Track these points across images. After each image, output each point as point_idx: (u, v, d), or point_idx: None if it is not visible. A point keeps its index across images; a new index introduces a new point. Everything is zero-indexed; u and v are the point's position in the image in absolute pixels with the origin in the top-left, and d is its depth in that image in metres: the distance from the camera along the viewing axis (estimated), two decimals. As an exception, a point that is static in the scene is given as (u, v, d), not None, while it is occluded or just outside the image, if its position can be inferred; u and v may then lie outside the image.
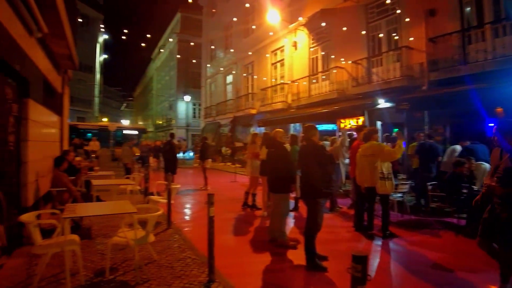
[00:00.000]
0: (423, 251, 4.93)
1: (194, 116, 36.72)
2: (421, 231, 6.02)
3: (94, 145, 23.39)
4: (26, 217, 3.57)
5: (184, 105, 36.27)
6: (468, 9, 9.34)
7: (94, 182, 6.87)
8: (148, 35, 23.42)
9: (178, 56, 34.40)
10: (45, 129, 6.31)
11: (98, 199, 6.77)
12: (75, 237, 3.83)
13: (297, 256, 4.61)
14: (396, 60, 10.82)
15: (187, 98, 33.70)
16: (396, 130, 8.80)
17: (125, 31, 21.85)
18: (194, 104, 36.45)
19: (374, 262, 4.51)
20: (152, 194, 7.49)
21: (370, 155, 5.61)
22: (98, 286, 3.49)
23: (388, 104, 10.80)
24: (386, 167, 5.61)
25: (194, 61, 30.48)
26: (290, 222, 6.65)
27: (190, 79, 35.82)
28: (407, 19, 10.53)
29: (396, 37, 11.19)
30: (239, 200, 8.24)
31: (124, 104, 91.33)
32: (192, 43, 30.48)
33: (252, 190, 7.94)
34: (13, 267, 3.90)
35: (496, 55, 8.08)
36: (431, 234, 5.84)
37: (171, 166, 10.53)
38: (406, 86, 10.15)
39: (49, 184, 5.93)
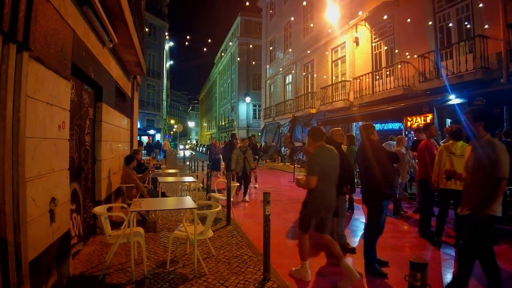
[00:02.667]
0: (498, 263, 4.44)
1: (255, 117, 37.36)
2: (498, 241, 5.34)
3: (166, 144, 25.93)
4: (98, 209, 3.95)
5: (245, 107, 37.11)
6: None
7: (160, 179, 7.35)
8: (210, 40, 24.33)
9: (239, 59, 35.28)
10: (116, 130, 6.91)
11: (164, 195, 7.23)
12: (140, 230, 4.13)
13: (356, 261, 4.45)
14: (468, 51, 9.89)
15: (248, 99, 34.41)
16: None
17: (188, 37, 22.98)
18: (254, 105, 37.10)
19: (437, 272, 4.17)
20: (213, 191, 7.78)
21: (460, 155, 4.92)
22: (158, 276, 3.73)
23: (459, 100, 9.91)
24: None
25: (253, 63, 31.01)
26: (347, 224, 6.45)
27: (250, 81, 36.62)
28: (481, 5, 9.55)
29: (468, 26, 10.23)
30: (299, 200, 8.17)
31: (190, 107, 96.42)
32: (252, 46, 31.04)
33: None
34: (88, 253, 4.34)
35: None
36: (510, 245, 5.22)
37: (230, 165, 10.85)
38: (481, 79, 9.22)
39: (119, 180, 6.49)
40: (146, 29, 29.68)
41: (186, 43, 25.47)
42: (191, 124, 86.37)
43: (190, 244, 4.51)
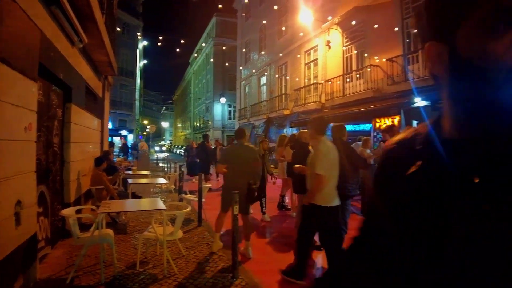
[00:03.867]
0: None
1: (230, 118, 37.38)
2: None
3: (143, 146, 25.26)
4: (67, 211, 3.91)
5: (220, 107, 37.05)
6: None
7: (131, 181, 7.29)
8: (183, 41, 24.16)
9: (214, 59, 35.22)
10: (86, 131, 6.79)
11: (135, 196, 7.20)
12: (110, 232, 4.12)
13: (323, 256, 4.58)
14: (433, 56, 10.39)
15: (223, 100, 34.38)
16: None
17: (162, 37, 22.75)
18: (229, 106, 37.11)
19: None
20: (185, 192, 7.79)
21: None
22: (128, 277, 3.74)
23: (425, 103, 10.39)
24: None
25: (227, 64, 31.08)
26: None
27: (226, 82, 36.61)
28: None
29: (434, 32, 10.74)
30: (274, 200, 8.34)
31: (164, 107, 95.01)
32: (227, 46, 31.08)
33: (284, 192, 8.05)
34: (56, 257, 4.28)
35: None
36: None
37: (204, 166, 10.87)
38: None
39: (89, 182, 6.39)
40: (119, 29, 29.12)
41: (159, 43, 25.21)
42: (165, 124, 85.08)
43: (160, 245, 4.53)
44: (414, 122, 11.03)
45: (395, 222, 0.63)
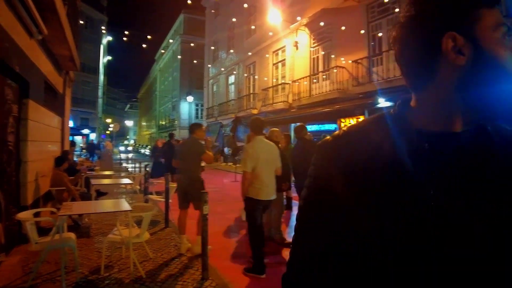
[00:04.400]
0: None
1: (197, 117, 36.88)
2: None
3: (108, 145, 24.31)
4: (23, 215, 3.64)
5: (187, 106, 36.47)
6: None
7: (93, 181, 6.97)
8: (149, 37, 23.46)
9: (181, 57, 34.58)
10: (45, 129, 6.40)
11: (99, 193, 6.89)
12: (72, 235, 3.89)
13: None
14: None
15: (190, 98, 33.87)
16: None
17: (128, 32, 21.91)
18: (196, 105, 36.62)
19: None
20: (151, 193, 7.58)
21: None
22: (92, 283, 3.55)
23: (388, 103, 10.79)
24: None
25: (195, 61, 30.61)
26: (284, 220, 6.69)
27: (193, 80, 36.08)
28: (408, 19, 10.49)
29: (397, 37, 11.17)
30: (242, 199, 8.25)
31: (128, 105, 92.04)
32: (195, 44, 30.63)
33: None
34: (11, 265, 3.97)
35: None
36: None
37: (170, 166, 10.58)
38: (406, 85, 10.12)
39: (49, 183, 6.02)
40: (82, 22, 27.78)
41: (124, 38, 24.32)
42: (129, 123, 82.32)
43: (126, 248, 4.35)
44: (378, 123, 11.40)
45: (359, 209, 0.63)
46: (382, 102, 11.00)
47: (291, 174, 5.56)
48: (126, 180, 7.63)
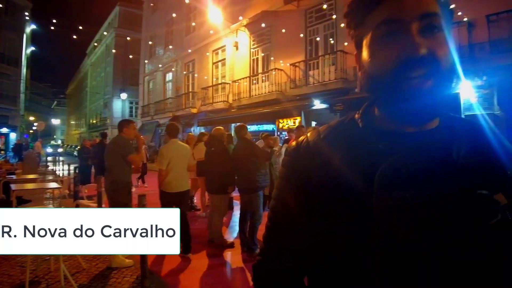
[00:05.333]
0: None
1: (131, 115, 34.94)
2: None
3: (37, 146, 21.91)
4: None
5: (120, 103, 34.46)
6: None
7: (15, 186, 6.10)
8: (81, 28, 21.81)
9: (115, 51, 32.63)
10: None
11: (21, 200, 6.02)
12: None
13: (235, 255, 4.64)
14: (331, 63, 11.24)
15: (124, 96, 32.09)
16: None
17: (56, 21, 20.13)
18: (131, 103, 34.76)
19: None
20: (82, 198, 6.92)
21: None
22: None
23: (323, 105, 11.16)
24: None
25: (131, 56, 29.07)
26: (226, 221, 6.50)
27: (127, 76, 34.16)
28: (343, 25, 10.97)
29: (332, 42, 11.64)
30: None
31: (55, 102, 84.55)
32: (130, 39, 29.13)
33: (193, 192, 7.68)
34: None
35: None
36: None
37: (102, 169, 9.72)
38: (340, 88, 10.58)
39: None
40: (1, 6, 24.86)
41: (52, 28, 22.28)
42: (56, 121, 75.87)
43: (54, 260, 3.80)
44: (313, 123, 11.77)
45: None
46: (318, 104, 11.36)
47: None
48: (53, 184, 6.81)
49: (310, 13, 12.61)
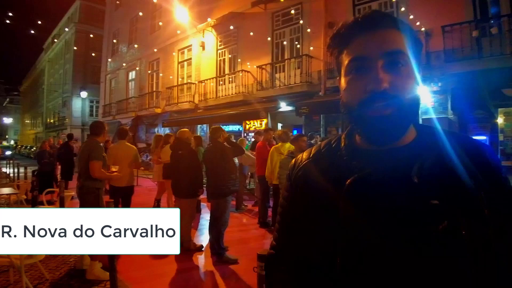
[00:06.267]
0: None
1: (92, 115, 33.52)
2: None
3: None
4: None
5: (80, 102, 32.92)
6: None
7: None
8: (38, 21, 20.61)
9: (76, 48, 31.18)
10: None
11: None
12: None
13: (205, 259, 4.61)
14: (297, 67, 11.41)
15: (84, 94, 30.73)
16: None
17: (10, 14, 18.92)
18: (91, 102, 33.32)
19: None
20: (42, 203, 6.48)
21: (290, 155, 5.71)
22: None
23: (289, 108, 11.29)
24: None
25: (93, 54, 27.91)
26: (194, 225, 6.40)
27: (88, 74, 32.73)
28: (309, 30, 11.21)
29: (298, 46, 11.83)
30: (148, 206, 7.59)
31: (7, 100, 79.28)
32: (92, 35, 27.98)
33: (160, 196, 7.45)
34: None
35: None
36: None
37: (67, 171, 9.23)
38: (306, 91, 10.76)
39: None
40: None
41: (7, 21, 20.87)
42: (8, 120, 71.19)
43: (15, 271, 3.51)
44: (279, 125, 11.90)
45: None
46: (284, 107, 11.48)
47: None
48: (7, 190, 6.33)
49: (277, 17, 12.73)
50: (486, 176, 0.68)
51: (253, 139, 8.38)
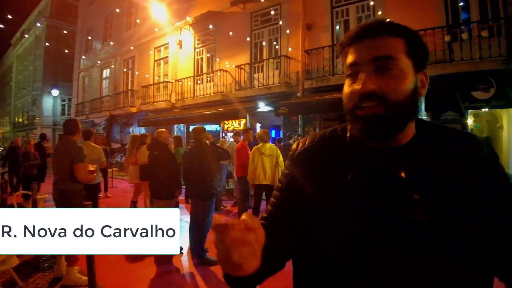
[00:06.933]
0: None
1: (63, 114, 32.33)
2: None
3: None
4: None
5: (51, 101, 31.68)
6: (337, 27, 10.50)
7: None
8: (7, 15, 19.67)
9: (47, 44, 30.02)
10: None
11: None
12: None
13: (185, 261, 4.52)
14: (276, 67, 11.44)
15: (55, 92, 29.60)
16: None
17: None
18: (63, 100, 32.15)
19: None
20: (12, 206, 6.14)
21: (269, 155, 5.73)
22: None
23: (268, 108, 11.31)
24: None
25: (66, 51, 26.95)
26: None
27: (59, 71, 31.54)
28: (288, 31, 11.26)
29: (277, 46, 11.87)
30: (124, 207, 7.33)
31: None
32: (63, 30, 27.01)
33: (136, 198, 7.23)
34: None
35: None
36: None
37: (39, 173, 8.80)
38: (284, 92, 10.81)
39: None
40: None
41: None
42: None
43: None
44: (258, 126, 11.89)
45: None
46: (263, 107, 11.49)
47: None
48: None
49: (256, 17, 12.72)
50: (483, 174, 0.73)
51: (231, 139, 8.31)
